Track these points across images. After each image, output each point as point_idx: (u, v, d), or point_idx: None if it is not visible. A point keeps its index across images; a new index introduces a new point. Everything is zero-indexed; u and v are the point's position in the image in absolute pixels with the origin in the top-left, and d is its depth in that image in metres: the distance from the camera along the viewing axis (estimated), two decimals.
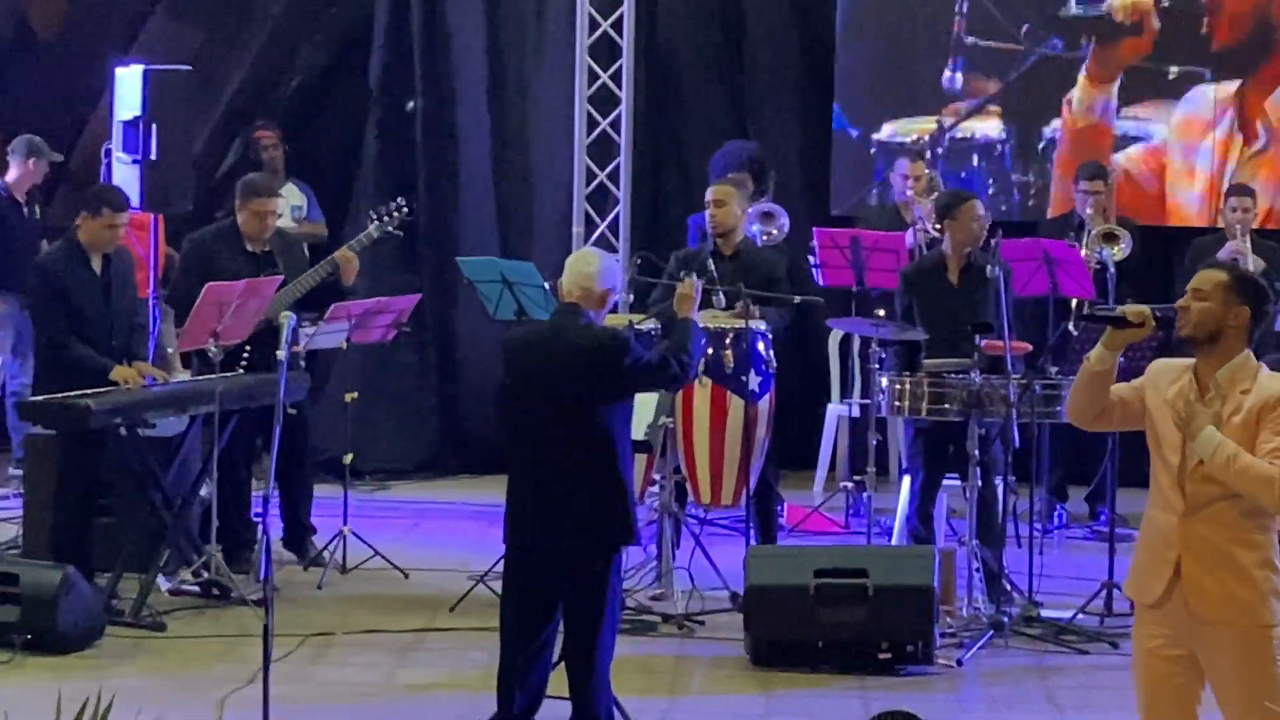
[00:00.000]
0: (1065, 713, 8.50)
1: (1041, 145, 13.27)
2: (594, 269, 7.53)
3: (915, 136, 13.20)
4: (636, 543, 7.70)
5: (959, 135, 13.34)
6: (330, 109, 13.91)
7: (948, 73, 13.28)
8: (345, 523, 10.59)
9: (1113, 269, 11.56)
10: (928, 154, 12.79)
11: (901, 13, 13.34)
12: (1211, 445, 5.82)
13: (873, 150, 13.26)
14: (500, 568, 9.31)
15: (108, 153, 11.63)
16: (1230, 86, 13.06)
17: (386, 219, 10.83)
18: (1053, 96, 13.21)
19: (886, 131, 13.29)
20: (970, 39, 13.20)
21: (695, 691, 8.75)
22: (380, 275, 12.66)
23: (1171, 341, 6.30)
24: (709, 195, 10.60)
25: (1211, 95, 13.07)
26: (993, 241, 10.05)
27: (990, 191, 13.12)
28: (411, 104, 13.55)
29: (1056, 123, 13.18)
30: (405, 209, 10.90)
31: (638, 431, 8.30)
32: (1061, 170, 13.03)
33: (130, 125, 11.30)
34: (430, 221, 13.28)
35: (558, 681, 7.63)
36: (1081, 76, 13.15)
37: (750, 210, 11.09)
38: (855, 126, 13.30)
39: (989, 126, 13.31)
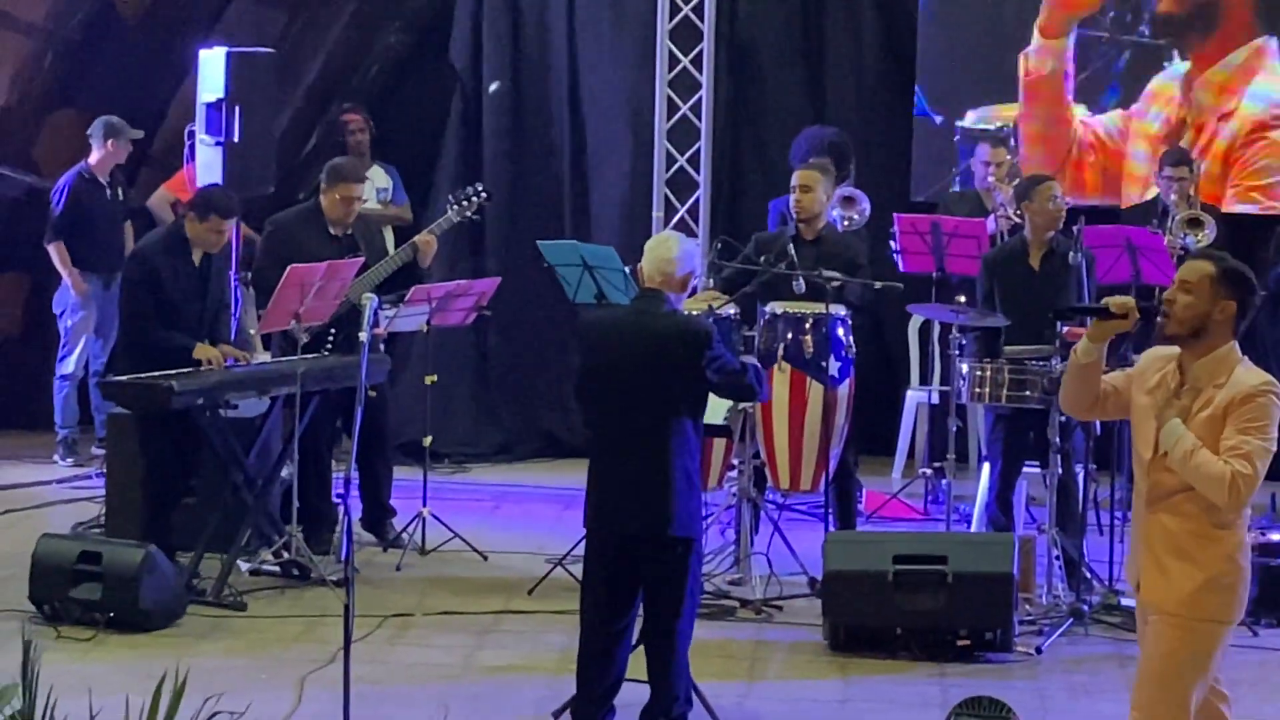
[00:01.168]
0: None
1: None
2: (674, 254, 7.54)
3: (999, 124, 13.12)
4: (698, 535, 7.70)
5: None
6: (412, 91, 13.94)
7: None
8: (425, 505, 10.63)
9: None
10: (1010, 140, 12.72)
11: None
12: (1174, 437, 5.80)
13: (955, 136, 13.19)
14: (578, 550, 9.35)
15: (190, 134, 11.69)
16: None
17: (465, 203, 10.87)
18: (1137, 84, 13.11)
19: (970, 118, 13.21)
20: None
21: (773, 676, 8.74)
22: (455, 259, 12.69)
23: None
24: (794, 180, 10.57)
25: None
26: (1075, 228, 10.00)
27: None
28: (494, 86, 13.57)
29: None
30: (484, 194, 10.93)
31: (717, 416, 8.31)
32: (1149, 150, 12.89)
33: (213, 107, 11.36)
34: (508, 205, 13.29)
35: (636, 665, 7.65)
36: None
37: (832, 195, 11.06)
38: (937, 112, 13.23)
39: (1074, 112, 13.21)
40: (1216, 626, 5.93)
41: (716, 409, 8.28)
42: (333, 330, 10.35)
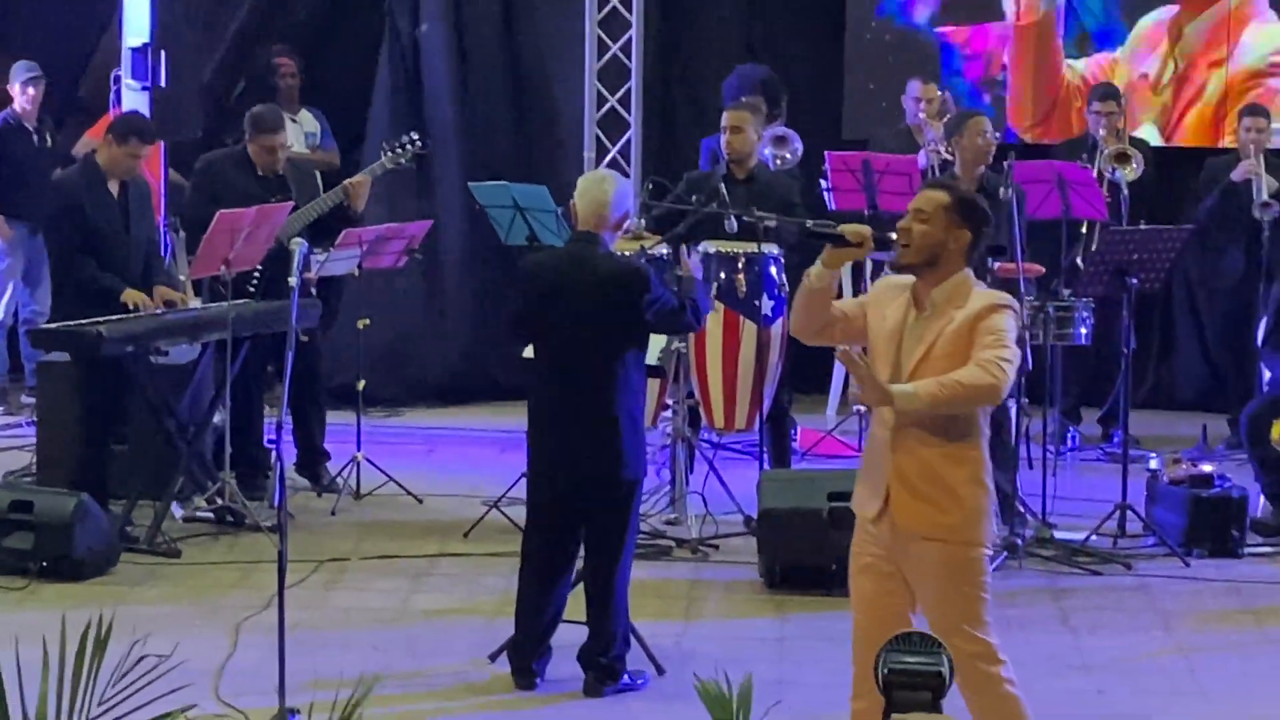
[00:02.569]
0: (1079, 633, 8.51)
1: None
2: (609, 195, 7.51)
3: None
4: (643, 477, 7.70)
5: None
6: (343, 34, 13.84)
7: None
8: (359, 449, 10.60)
9: (1125, 190, 11.53)
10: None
11: None
12: (908, 396, 5.73)
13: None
14: (514, 493, 9.35)
15: (117, 79, 11.59)
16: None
17: (399, 151, 10.81)
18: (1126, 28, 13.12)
19: None
20: None
21: (710, 615, 8.76)
22: (393, 202, 12.63)
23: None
24: (725, 120, 10.55)
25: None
26: (1005, 164, 10.01)
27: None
28: (424, 27, 13.48)
29: None
30: (418, 143, 10.87)
31: (650, 357, 8.30)
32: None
33: (139, 52, 11.26)
34: (441, 147, 13.23)
35: (574, 606, 7.65)
36: None
37: (763, 134, 11.05)
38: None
39: None
40: (976, 549, 5.90)
41: (650, 350, 8.27)
42: (258, 272, 10.28)
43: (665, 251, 9.93)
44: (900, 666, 3.44)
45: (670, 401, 10.07)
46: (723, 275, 9.97)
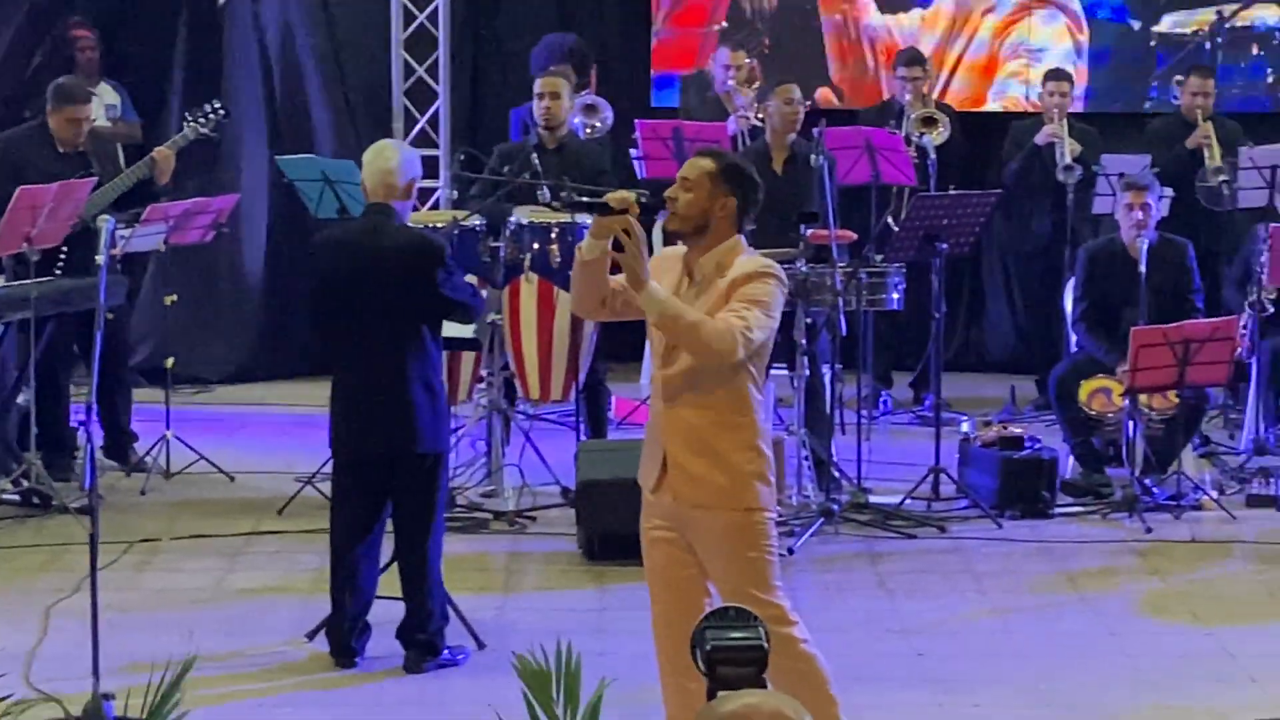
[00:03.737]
0: (895, 596, 8.57)
1: None
2: (393, 164, 7.44)
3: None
4: (445, 449, 7.63)
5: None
6: (140, 6, 13.60)
7: None
8: (168, 427, 10.45)
9: (933, 154, 11.63)
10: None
11: None
12: (657, 302, 5.70)
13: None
14: (327, 469, 9.26)
15: None
16: None
17: (202, 121, 10.65)
18: None
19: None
20: None
21: (529, 588, 8.73)
22: (196, 175, 12.45)
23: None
24: (539, 88, 10.51)
25: None
26: (816, 130, 10.06)
27: None
28: None
29: None
30: (221, 111, 10.71)
31: (465, 329, 8.24)
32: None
33: None
34: (245, 120, 13.05)
35: (390, 582, 7.59)
36: None
37: (574, 103, 11.01)
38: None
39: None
40: (756, 514, 5.89)
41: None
42: (64, 250, 10.09)
43: (479, 223, 9.87)
44: (723, 643, 3.40)
45: (485, 373, 10.02)
46: (536, 246, 9.92)
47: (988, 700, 7.25)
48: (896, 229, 10.79)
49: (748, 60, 12.29)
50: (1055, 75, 12.17)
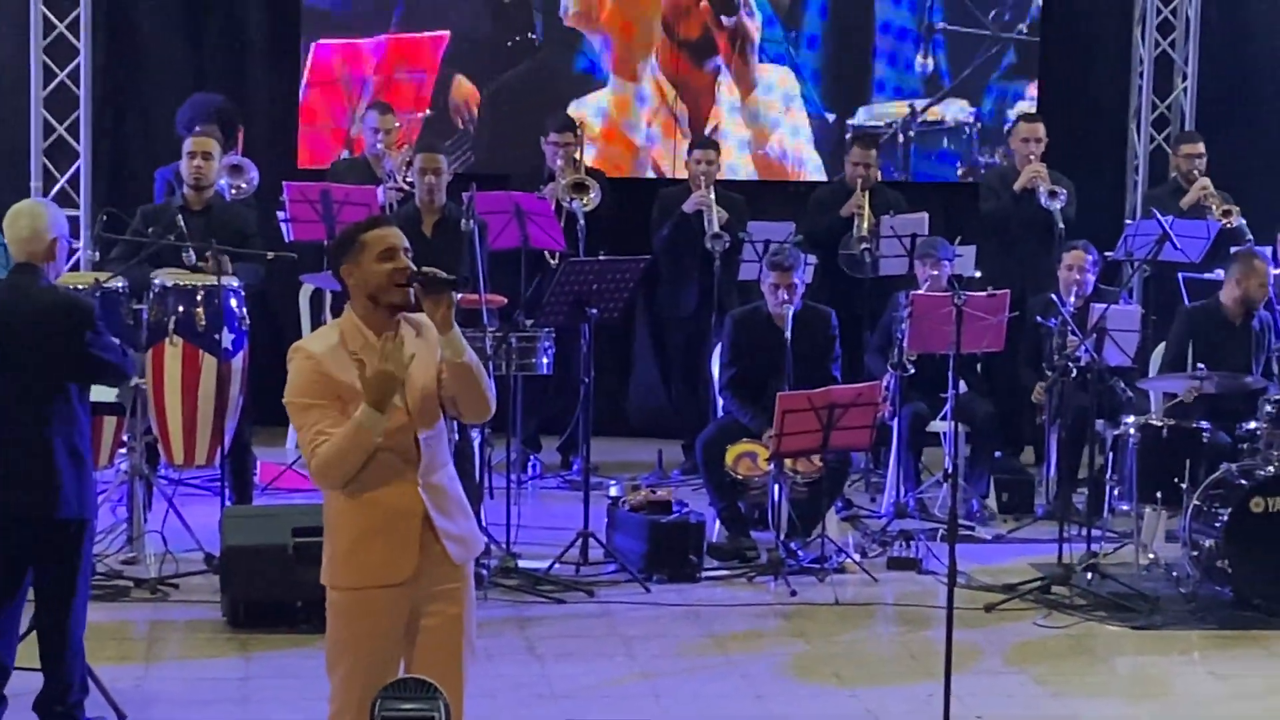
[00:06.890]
0: (545, 661, 8.57)
1: None
2: (30, 227, 7.28)
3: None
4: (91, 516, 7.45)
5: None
6: None
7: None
8: None
9: (583, 220, 11.70)
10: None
11: None
12: (464, 343, 5.79)
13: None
14: None
15: None
16: None
17: None
18: None
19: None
20: None
21: (171, 657, 8.55)
22: None
23: None
24: (189, 147, 10.37)
25: None
26: (466, 195, 10.06)
27: None
28: None
29: None
30: None
31: (109, 393, 8.07)
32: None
33: None
34: None
35: (27, 653, 7.37)
36: None
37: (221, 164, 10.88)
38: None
39: None
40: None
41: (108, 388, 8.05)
42: None
43: (121, 285, 9.68)
44: (396, 714, 3.37)
45: (126, 438, 9.81)
46: (181, 309, 9.75)
47: None
48: (546, 294, 10.85)
49: (397, 124, 12.25)
50: (703, 144, 12.35)
